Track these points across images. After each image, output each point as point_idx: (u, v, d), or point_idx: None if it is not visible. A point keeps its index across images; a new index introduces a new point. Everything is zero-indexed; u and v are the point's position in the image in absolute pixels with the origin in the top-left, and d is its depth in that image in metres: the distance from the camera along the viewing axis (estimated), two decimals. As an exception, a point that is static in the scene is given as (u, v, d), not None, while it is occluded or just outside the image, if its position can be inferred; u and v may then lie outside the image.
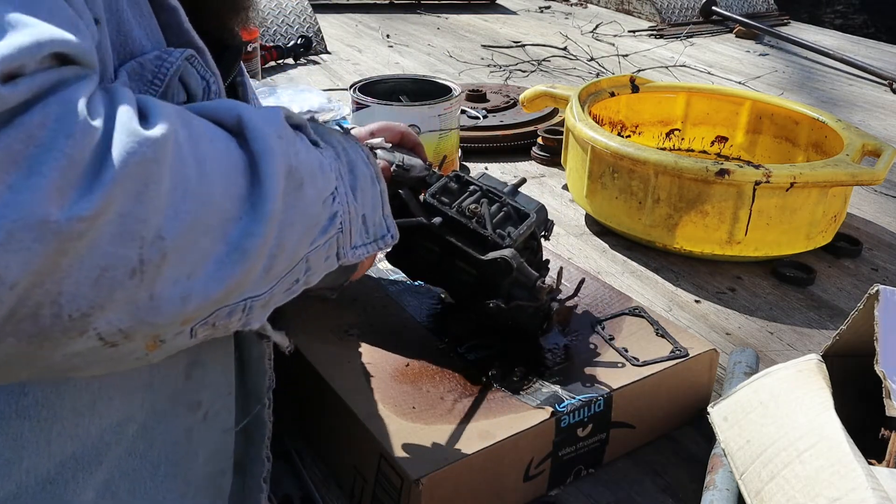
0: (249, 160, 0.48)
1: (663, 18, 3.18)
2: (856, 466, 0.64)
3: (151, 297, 0.43)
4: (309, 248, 0.54)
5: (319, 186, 0.54)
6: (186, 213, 0.43)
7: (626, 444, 0.87)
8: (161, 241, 0.42)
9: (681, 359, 0.88)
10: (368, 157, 0.62)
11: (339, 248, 0.58)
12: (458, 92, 1.43)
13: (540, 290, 0.82)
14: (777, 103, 1.60)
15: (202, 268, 0.45)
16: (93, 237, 0.40)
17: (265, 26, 2.50)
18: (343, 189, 0.57)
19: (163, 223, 0.42)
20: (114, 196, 0.40)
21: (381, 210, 0.63)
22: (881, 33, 5.29)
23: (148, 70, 0.53)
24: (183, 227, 0.43)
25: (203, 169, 0.45)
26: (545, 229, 0.94)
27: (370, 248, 0.62)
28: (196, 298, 0.45)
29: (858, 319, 0.78)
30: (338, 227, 0.56)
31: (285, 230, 0.50)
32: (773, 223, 1.25)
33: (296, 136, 0.53)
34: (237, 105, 0.51)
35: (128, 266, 0.42)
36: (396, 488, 0.72)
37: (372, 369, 0.85)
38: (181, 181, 0.43)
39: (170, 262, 0.43)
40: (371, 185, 0.61)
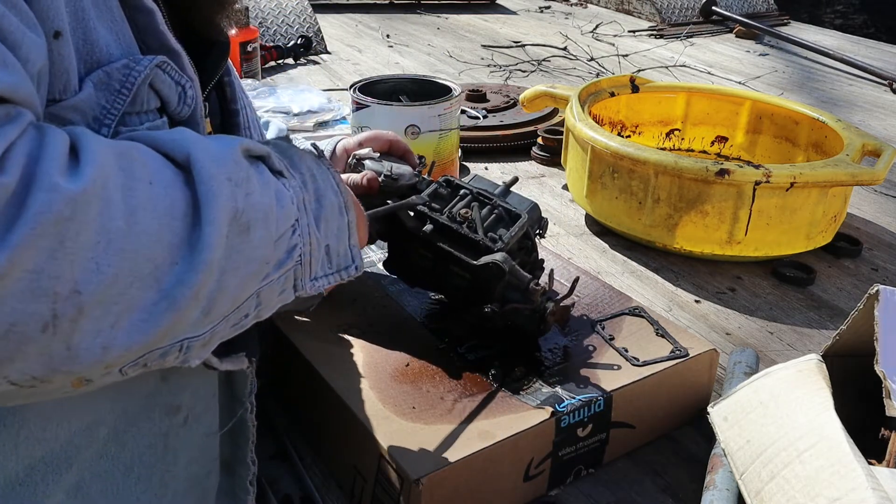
0: (192, 202, 0.47)
1: (663, 18, 3.18)
2: (856, 466, 0.64)
3: (68, 348, 0.43)
4: (260, 285, 0.52)
5: (272, 227, 0.52)
6: (108, 266, 0.42)
7: (626, 444, 0.87)
8: (77, 295, 0.41)
9: (681, 359, 0.88)
10: (339, 185, 0.60)
11: (297, 280, 0.56)
12: (458, 92, 1.43)
13: (533, 292, 0.82)
14: (777, 103, 1.60)
15: (127, 317, 0.44)
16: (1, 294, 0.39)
17: (265, 26, 2.50)
18: (305, 220, 0.55)
19: (80, 277, 0.41)
20: (21, 256, 0.39)
21: (346, 240, 0.61)
22: (881, 33, 5.29)
23: (115, 79, 0.52)
24: (105, 280, 0.42)
25: (134, 218, 0.44)
26: (540, 228, 0.94)
27: (332, 278, 0.60)
28: (119, 347, 0.44)
29: (858, 319, 0.78)
30: (296, 259, 0.55)
31: (227, 275, 0.48)
32: (773, 223, 1.25)
33: (250, 174, 0.51)
34: (191, 142, 0.49)
35: (39, 321, 0.41)
36: (396, 488, 0.72)
37: (372, 369, 0.85)
38: (105, 234, 0.42)
39: (88, 316, 0.42)
40: (338, 214, 0.59)
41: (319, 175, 0.59)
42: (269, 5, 2.55)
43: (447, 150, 1.43)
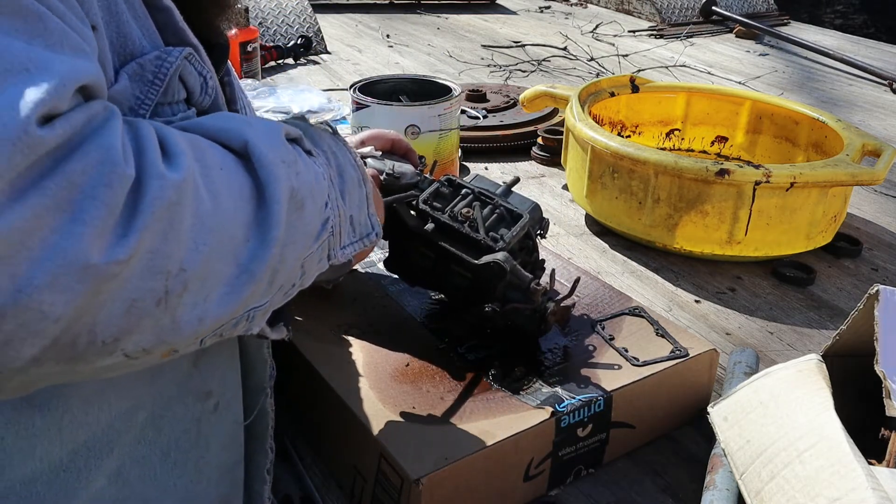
0: (255, 185, 0.51)
1: (663, 18, 3.18)
2: (856, 466, 0.64)
3: (173, 321, 0.47)
4: (306, 255, 0.57)
5: (319, 202, 0.57)
6: (204, 245, 0.47)
7: (626, 444, 0.87)
8: (183, 272, 0.46)
9: (681, 359, 0.88)
10: (355, 158, 0.65)
11: (331, 250, 0.60)
12: (458, 92, 1.43)
13: (534, 292, 0.82)
14: (777, 103, 1.60)
15: (216, 291, 0.49)
16: (126, 276, 0.43)
17: (265, 26, 2.50)
18: (334, 194, 0.60)
19: (185, 256, 0.46)
20: (144, 239, 0.43)
21: (366, 210, 0.66)
22: (881, 33, 5.29)
23: (148, 70, 0.54)
24: (202, 258, 0.47)
25: (217, 201, 0.48)
26: (541, 228, 0.94)
27: (357, 245, 0.65)
28: (211, 318, 0.49)
29: (858, 319, 0.78)
30: (329, 230, 0.59)
31: (287, 248, 0.53)
32: (773, 223, 1.25)
33: (296, 155, 0.55)
34: (243, 128, 0.53)
35: (155, 297, 0.45)
36: (396, 488, 0.72)
37: (372, 369, 0.85)
38: (199, 216, 0.47)
39: (190, 290, 0.47)
40: (358, 187, 0.64)
41: (339, 151, 0.63)
42: (269, 5, 2.55)
43: (447, 150, 1.42)
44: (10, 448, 0.55)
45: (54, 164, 0.40)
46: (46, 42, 0.43)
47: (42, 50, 0.42)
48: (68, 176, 0.40)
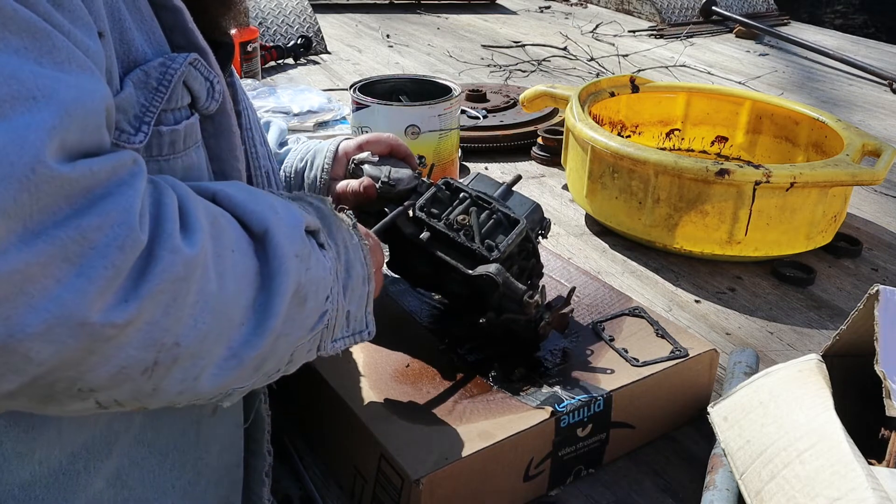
0: (263, 272, 0.52)
1: (663, 18, 3.18)
2: (856, 466, 0.64)
3: (155, 390, 0.47)
4: (296, 347, 0.57)
5: (321, 298, 0.57)
6: (203, 323, 0.47)
7: (626, 444, 0.87)
8: (177, 347, 0.46)
9: (681, 359, 0.88)
10: (366, 257, 0.65)
11: (322, 342, 0.61)
12: (458, 92, 1.43)
13: (527, 305, 0.81)
14: (777, 103, 1.60)
15: (206, 370, 0.49)
16: (120, 341, 0.43)
17: (265, 26, 2.50)
18: (336, 288, 0.60)
19: (182, 332, 0.46)
20: (146, 308, 0.43)
21: (364, 308, 0.66)
22: (881, 33, 5.29)
23: (153, 78, 0.54)
24: (198, 336, 0.47)
25: (222, 282, 0.48)
26: (542, 228, 0.93)
27: (348, 340, 0.65)
28: (190, 394, 0.50)
29: (858, 319, 0.78)
30: (325, 323, 0.59)
31: (280, 339, 0.53)
32: (773, 223, 1.25)
33: (311, 250, 0.56)
34: (268, 214, 0.53)
35: (143, 366, 0.45)
36: (397, 488, 0.72)
37: (372, 370, 0.85)
38: (203, 295, 0.47)
39: (179, 365, 0.47)
40: (362, 284, 0.64)
41: (352, 246, 0.64)
42: (269, 5, 2.55)
43: (447, 150, 1.42)
44: (9, 452, 0.54)
45: (71, 212, 0.40)
46: (55, 60, 0.42)
47: (51, 70, 0.42)
48: (83, 230, 0.40)
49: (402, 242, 0.89)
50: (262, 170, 0.73)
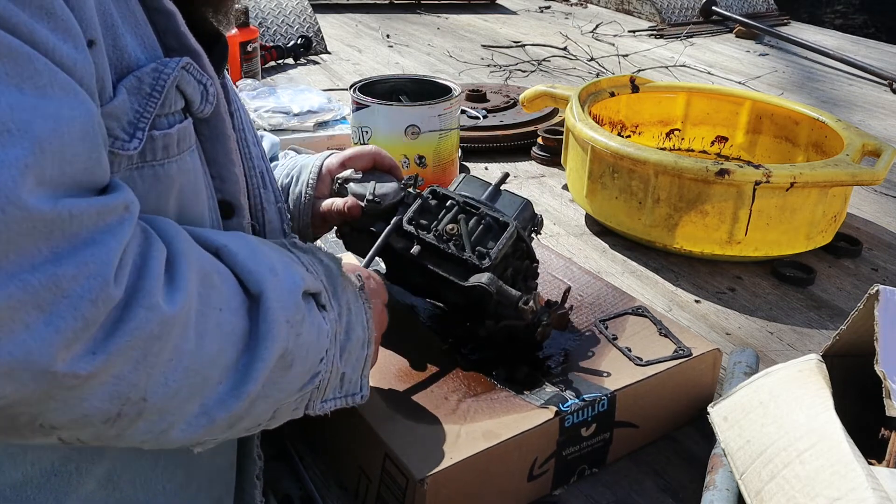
0: (251, 333, 0.52)
1: (663, 18, 3.18)
2: (856, 466, 0.64)
3: (118, 436, 0.48)
4: (280, 405, 0.57)
5: (309, 363, 0.57)
6: (174, 382, 0.47)
7: (629, 444, 0.87)
8: (143, 402, 0.46)
9: (684, 358, 0.89)
10: (368, 321, 0.65)
11: (311, 401, 0.60)
12: (458, 92, 1.43)
13: (522, 311, 0.81)
14: (777, 103, 1.61)
15: (175, 426, 0.49)
16: (84, 392, 0.43)
17: (265, 26, 2.50)
18: (333, 351, 0.60)
19: (150, 388, 0.46)
20: (113, 363, 0.43)
21: (360, 371, 0.65)
22: (881, 33, 5.29)
23: (146, 83, 0.54)
24: (168, 393, 0.47)
25: (202, 342, 0.48)
26: (534, 225, 0.93)
27: (339, 401, 0.64)
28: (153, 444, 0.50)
29: (858, 319, 0.78)
30: (315, 384, 0.59)
31: (258, 401, 0.53)
32: (773, 223, 1.26)
33: (304, 316, 0.56)
34: (265, 277, 0.53)
35: (105, 417, 0.45)
36: (401, 488, 0.72)
37: (376, 369, 0.85)
38: (178, 353, 0.46)
39: (146, 419, 0.47)
40: (361, 348, 0.64)
41: (355, 309, 0.64)
42: (269, 5, 2.55)
43: (447, 150, 1.43)
44: (1, 454, 0.55)
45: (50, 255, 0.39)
46: (36, 84, 0.42)
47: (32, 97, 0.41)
48: (57, 278, 0.40)
49: (395, 256, 0.89)
50: (256, 170, 0.73)
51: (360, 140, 1.38)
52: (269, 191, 0.75)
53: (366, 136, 1.36)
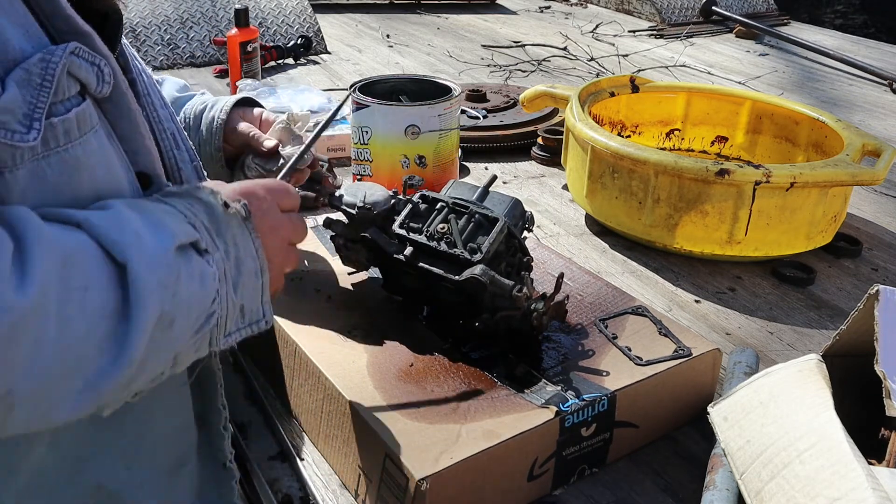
0: (123, 301, 0.52)
1: (663, 18, 3.18)
2: (856, 466, 0.64)
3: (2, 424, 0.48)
4: (177, 352, 0.57)
5: (193, 316, 0.57)
6: (40, 369, 0.47)
7: (629, 444, 0.87)
8: (9, 395, 0.46)
9: (684, 358, 0.89)
10: (258, 251, 0.64)
11: (213, 338, 0.60)
12: (458, 92, 1.43)
13: (517, 299, 0.82)
14: (777, 103, 1.61)
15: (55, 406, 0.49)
16: None
17: (265, 26, 2.50)
18: (225, 289, 0.60)
19: (13, 381, 0.46)
20: None
21: (259, 299, 0.65)
22: (881, 33, 5.29)
23: (35, 75, 0.53)
24: (35, 381, 0.47)
25: (67, 325, 0.48)
26: (525, 222, 0.94)
27: (244, 331, 0.65)
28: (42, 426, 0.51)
29: (858, 319, 0.79)
30: (213, 324, 0.59)
31: (147, 362, 0.53)
32: (773, 223, 1.26)
33: (179, 272, 0.55)
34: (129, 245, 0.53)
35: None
36: (402, 488, 0.72)
37: (376, 369, 0.85)
38: (38, 344, 0.47)
39: (20, 408, 0.47)
40: (254, 277, 0.64)
41: (241, 242, 0.63)
42: (269, 5, 2.55)
43: (447, 150, 1.43)
44: None
45: None
46: None
47: None
48: None
49: (390, 263, 0.90)
50: (167, 132, 0.72)
51: (360, 140, 1.38)
52: (182, 150, 0.74)
53: (366, 136, 1.36)
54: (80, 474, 0.63)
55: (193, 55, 2.36)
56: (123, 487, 0.66)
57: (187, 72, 2.31)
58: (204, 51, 2.38)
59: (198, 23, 2.41)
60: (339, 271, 1.04)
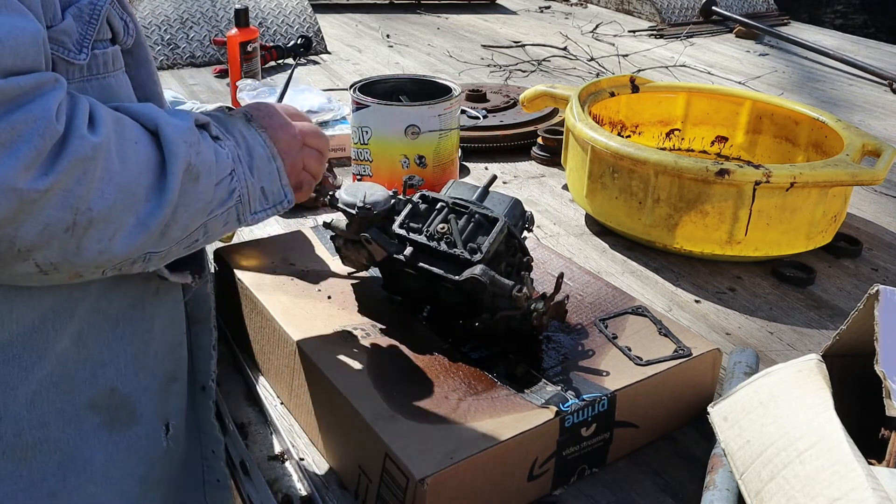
0: (160, 159, 0.65)
1: (663, 18, 3.18)
2: (856, 466, 0.64)
3: (78, 248, 0.61)
4: (207, 218, 0.70)
5: (213, 176, 0.70)
6: (109, 195, 0.61)
7: (629, 444, 0.87)
8: (90, 212, 0.60)
9: (684, 358, 0.89)
10: (265, 140, 0.77)
11: (240, 215, 0.74)
12: (458, 92, 1.43)
13: (517, 299, 0.82)
14: (777, 103, 1.61)
15: (118, 234, 0.62)
16: (43, 203, 0.57)
17: (265, 26, 2.50)
18: (241, 169, 0.73)
19: (92, 199, 0.60)
20: (61, 179, 0.57)
21: (278, 181, 0.78)
22: (881, 33, 5.30)
23: (85, 13, 0.67)
24: (107, 204, 0.61)
25: (125, 165, 0.62)
26: (525, 222, 0.94)
27: (269, 212, 0.77)
28: (107, 254, 0.63)
29: (858, 319, 0.79)
30: (236, 199, 0.72)
31: (179, 210, 0.66)
32: (773, 223, 1.26)
33: (199, 138, 0.69)
34: (158, 115, 0.67)
35: (64, 225, 0.59)
36: (402, 488, 0.72)
37: (376, 369, 0.85)
38: (108, 172, 0.60)
39: (95, 227, 0.61)
40: (267, 162, 0.77)
41: (248, 135, 0.76)
42: (269, 5, 2.55)
43: (447, 150, 1.43)
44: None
45: (4, 111, 0.54)
46: None
47: None
48: (12, 124, 0.55)
49: (390, 263, 0.90)
50: None
51: (360, 140, 1.38)
52: None
53: (366, 136, 1.36)
54: (97, 377, 0.72)
55: (193, 55, 2.36)
56: (132, 392, 0.76)
57: (187, 72, 2.31)
58: (204, 51, 2.38)
59: (198, 23, 2.41)
60: (339, 271, 1.04)
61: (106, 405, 0.73)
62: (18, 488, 0.68)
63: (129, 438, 0.76)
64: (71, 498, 0.71)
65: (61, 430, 0.70)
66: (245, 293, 1.01)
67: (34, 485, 0.69)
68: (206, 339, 0.88)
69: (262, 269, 1.04)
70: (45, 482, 0.70)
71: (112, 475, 0.74)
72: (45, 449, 0.69)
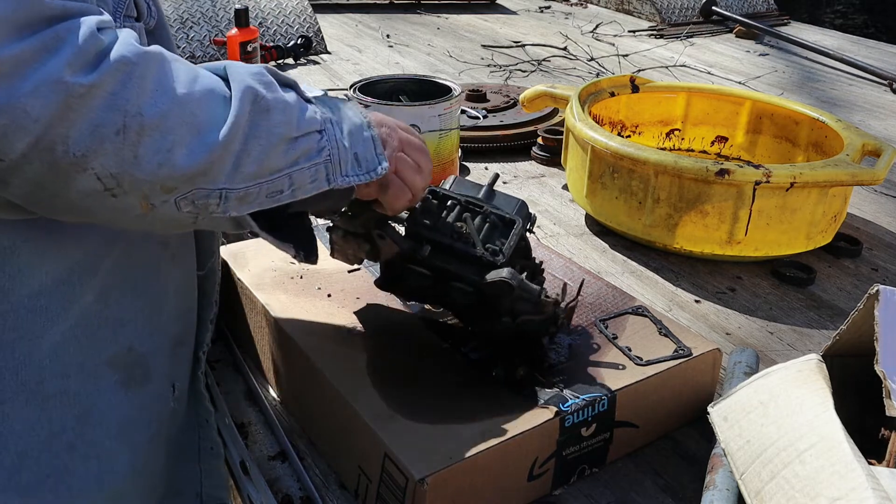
0: (224, 88, 0.66)
1: (663, 18, 3.18)
2: (856, 466, 0.64)
3: (135, 156, 0.60)
4: (290, 167, 0.69)
5: (291, 117, 0.69)
6: (162, 104, 0.61)
7: (629, 444, 0.87)
8: (140, 116, 0.60)
9: (684, 358, 0.89)
10: (362, 111, 0.77)
11: (329, 174, 0.72)
12: (458, 92, 1.43)
13: (545, 304, 0.82)
14: (777, 103, 1.61)
15: (177, 148, 0.61)
16: (90, 102, 0.58)
17: (265, 26, 2.50)
18: (332, 131, 0.72)
19: (143, 105, 0.60)
20: (105, 79, 0.58)
21: (373, 150, 0.77)
22: (881, 33, 5.30)
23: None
24: (158, 113, 0.60)
25: (181, 84, 0.63)
26: (530, 224, 0.93)
27: (363, 177, 0.76)
28: (168, 168, 0.61)
29: (858, 319, 0.79)
30: (325, 157, 0.72)
31: (250, 140, 0.65)
32: (773, 223, 1.26)
33: (273, 82, 0.70)
34: (224, 63, 0.69)
35: (115, 127, 0.59)
36: (401, 488, 0.72)
37: (376, 369, 0.85)
38: (161, 85, 0.61)
39: (148, 136, 0.60)
40: (362, 130, 0.76)
41: (344, 106, 0.77)
42: (269, 5, 2.55)
43: (447, 150, 1.43)
44: (24, 262, 0.67)
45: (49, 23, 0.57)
46: None
47: None
48: (58, 31, 0.57)
49: (396, 261, 0.88)
50: None
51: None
52: None
53: (366, 136, 1.37)
54: (118, 335, 0.74)
55: (193, 55, 2.36)
56: (148, 352, 0.77)
57: (187, 72, 2.31)
58: (204, 51, 2.38)
59: (198, 23, 2.41)
60: (339, 270, 1.04)
61: (124, 363, 0.75)
62: (40, 439, 0.70)
63: (143, 397, 0.77)
64: (89, 452, 0.73)
65: (81, 383, 0.72)
66: (245, 293, 1.01)
67: (54, 436, 0.70)
68: (208, 312, 0.90)
69: (261, 268, 1.04)
70: (64, 434, 0.71)
71: (128, 431, 0.76)
72: (64, 400, 0.71)
